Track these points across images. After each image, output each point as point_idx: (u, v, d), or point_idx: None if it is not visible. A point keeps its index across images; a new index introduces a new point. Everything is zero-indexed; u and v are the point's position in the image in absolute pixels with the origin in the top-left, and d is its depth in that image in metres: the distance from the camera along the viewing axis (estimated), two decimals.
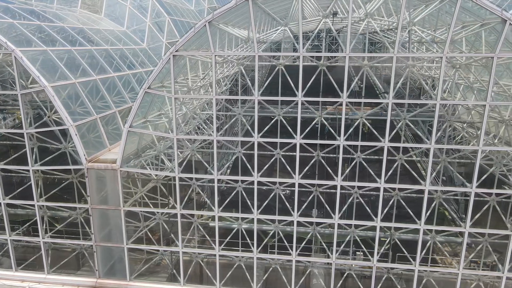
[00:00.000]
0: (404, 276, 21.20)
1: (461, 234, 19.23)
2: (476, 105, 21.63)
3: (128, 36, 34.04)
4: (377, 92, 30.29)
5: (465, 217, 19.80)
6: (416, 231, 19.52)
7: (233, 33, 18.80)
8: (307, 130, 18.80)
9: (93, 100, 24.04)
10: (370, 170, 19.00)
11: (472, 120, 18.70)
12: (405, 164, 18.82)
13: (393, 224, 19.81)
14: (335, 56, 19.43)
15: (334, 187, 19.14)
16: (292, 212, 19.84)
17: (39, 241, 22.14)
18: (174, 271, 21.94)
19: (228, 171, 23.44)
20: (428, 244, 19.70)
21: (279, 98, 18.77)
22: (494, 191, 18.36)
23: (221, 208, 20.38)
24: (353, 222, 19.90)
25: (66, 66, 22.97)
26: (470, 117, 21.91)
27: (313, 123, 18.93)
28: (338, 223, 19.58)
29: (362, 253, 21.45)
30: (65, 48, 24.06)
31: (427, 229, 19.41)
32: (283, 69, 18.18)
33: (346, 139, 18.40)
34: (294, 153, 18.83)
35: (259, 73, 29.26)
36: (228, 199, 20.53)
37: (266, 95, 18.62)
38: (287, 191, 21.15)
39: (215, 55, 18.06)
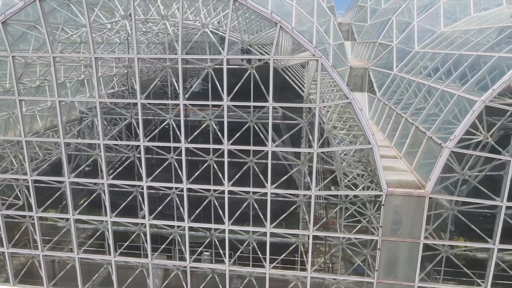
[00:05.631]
0: (243, 276, 21.32)
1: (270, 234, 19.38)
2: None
3: None
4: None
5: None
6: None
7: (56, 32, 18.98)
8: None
9: None
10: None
11: (276, 121, 19.02)
12: (214, 165, 19.00)
13: (212, 226, 20.02)
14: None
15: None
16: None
17: None
18: (9, 271, 21.96)
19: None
20: (249, 245, 19.93)
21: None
22: (286, 191, 18.81)
23: (41, 209, 20.44)
24: (159, 222, 20.12)
25: None
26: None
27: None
28: (149, 223, 19.83)
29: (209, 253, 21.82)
30: None
31: (242, 230, 19.69)
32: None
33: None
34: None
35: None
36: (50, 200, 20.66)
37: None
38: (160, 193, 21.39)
39: (13, 56, 18.10)
